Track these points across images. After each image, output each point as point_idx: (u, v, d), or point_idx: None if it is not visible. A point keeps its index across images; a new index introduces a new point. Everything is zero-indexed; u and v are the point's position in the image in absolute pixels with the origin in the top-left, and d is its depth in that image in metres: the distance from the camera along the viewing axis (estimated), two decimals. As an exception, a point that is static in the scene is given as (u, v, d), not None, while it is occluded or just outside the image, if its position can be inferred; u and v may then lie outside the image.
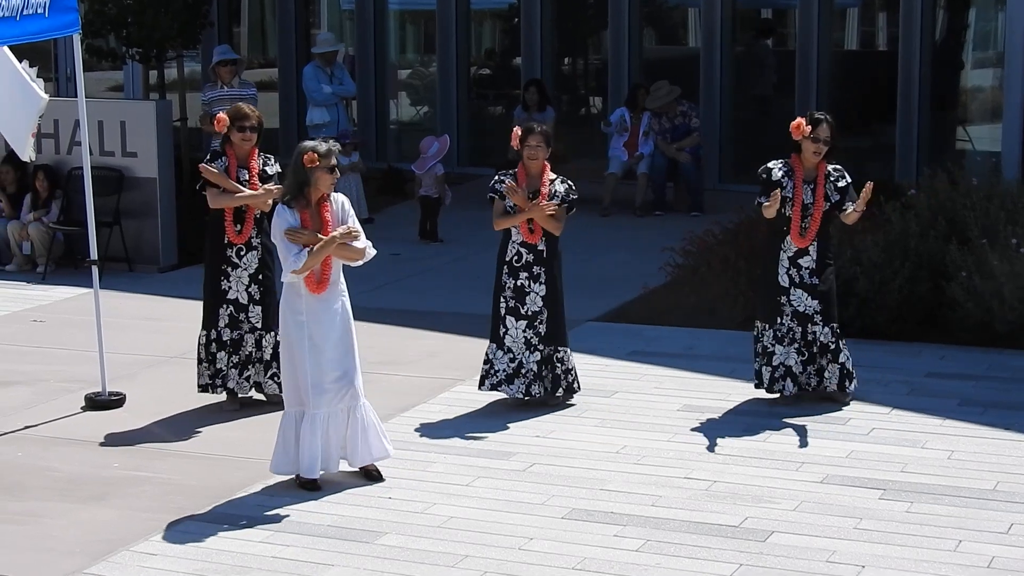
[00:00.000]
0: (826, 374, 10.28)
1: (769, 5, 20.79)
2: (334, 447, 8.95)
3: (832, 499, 8.57)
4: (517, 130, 10.40)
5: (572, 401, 10.47)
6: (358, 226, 8.98)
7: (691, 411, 10.26)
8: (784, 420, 10.00)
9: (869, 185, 9.99)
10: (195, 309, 13.55)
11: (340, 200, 9.04)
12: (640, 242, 14.20)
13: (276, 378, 10.31)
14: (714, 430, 9.84)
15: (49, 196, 15.50)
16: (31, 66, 10.88)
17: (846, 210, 10.17)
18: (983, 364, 11.24)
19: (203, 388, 10.57)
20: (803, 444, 9.53)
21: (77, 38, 10.77)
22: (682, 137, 18.02)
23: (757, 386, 10.42)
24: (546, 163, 10.40)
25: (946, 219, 12.27)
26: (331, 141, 9.04)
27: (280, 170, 10.46)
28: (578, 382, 10.48)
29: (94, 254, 11.02)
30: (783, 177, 10.19)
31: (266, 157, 10.58)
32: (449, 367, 11.40)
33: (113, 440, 9.91)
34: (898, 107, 17.78)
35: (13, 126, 10.90)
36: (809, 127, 10.15)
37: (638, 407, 10.37)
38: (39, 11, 10.05)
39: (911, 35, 17.74)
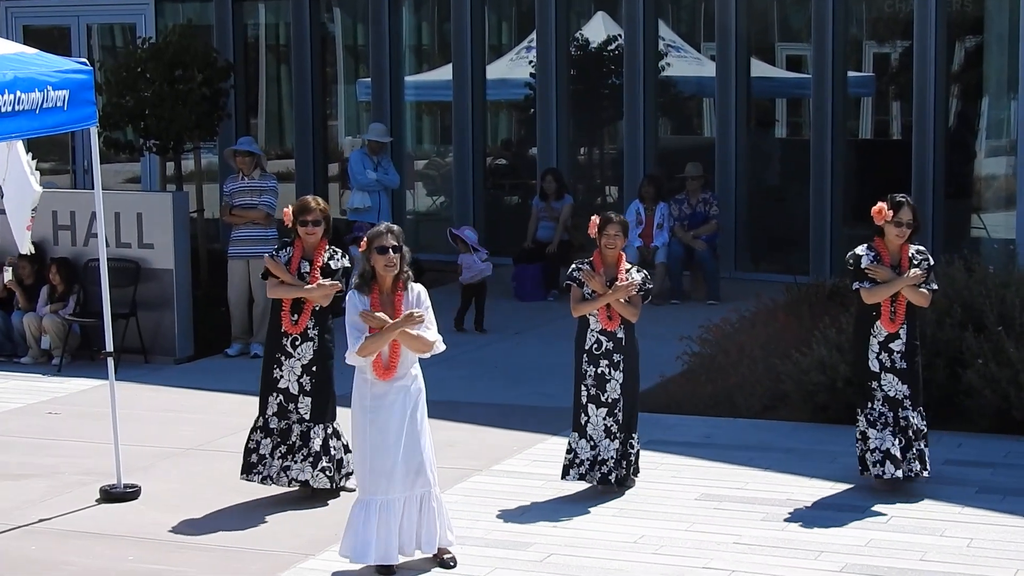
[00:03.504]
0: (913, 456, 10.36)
1: (783, 95, 20.89)
2: (405, 534, 8.91)
3: (851, 589, 8.52)
4: (595, 219, 10.47)
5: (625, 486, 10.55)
6: (430, 316, 9.04)
7: (709, 500, 10.22)
8: (803, 509, 9.96)
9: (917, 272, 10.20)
10: (211, 400, 13.61)
11: (416, 290, 9.11)
12: (657, 331, 14.17)
13: (327, 471, 10.36)
14: (732, 519, 9.79)
15: (66, 291, 15.53)
16: (33, 158, 10.95)
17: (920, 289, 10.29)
18: (1001, 451, 11.20)
19: (245, 470, 10.62)
20: (822, 533, 9.48)
21: (94, 131, 10.85)
22: (700, 224, 18.06)
23: (862, 471, 10.37)
24: (622, 253, 10.46)
25: (962, 306, 12.26)
26: (387, 224, 9.17)
27: (348, 265, 10.59)
28: (638, 468, 10.63)
29: (110, 346, 11.03)
30: (871, 263, 10.26)
31: (334, 251, 10.65)
32: (467, 457, 11.37)
33: (128, 533, 9.87)
34: (912, 195, 17.71)
35: (15, 219, 10.96)
36: (891, 212, 10.17)
37: (656, 496, 10.33)
38: (58, 104, 10.11)
39: (924, 124, 17.79)
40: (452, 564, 8.97)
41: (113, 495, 10.63)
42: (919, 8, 17.72)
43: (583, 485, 10.51)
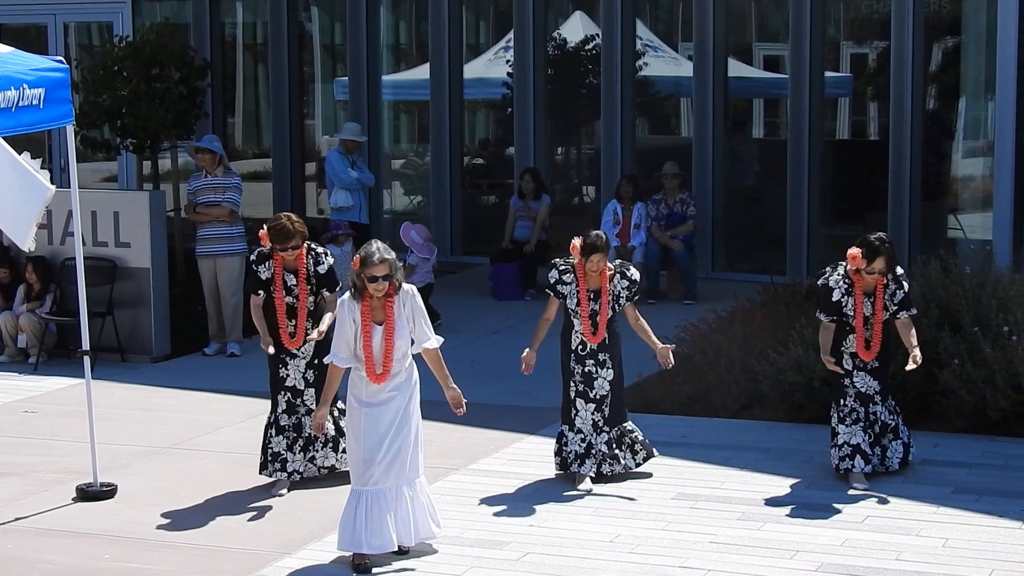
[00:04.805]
0: (888, 452, 10.53)
1: (760, 95, 20.92)
2: (402, 523, 9.03)
3: (827, 588, 8.54)
4: (576, 243, 10.45)
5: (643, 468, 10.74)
6: (426, 320, 9.19)
7: (685, 499, 10.22)
8: (779, 508, 9.97)
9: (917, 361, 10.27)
10: (188, 399, 13.58)
11: (409, 292, 9.13)
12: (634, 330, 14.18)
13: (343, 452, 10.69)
14: (709, 518, 9.80)
15: (43, 289, 15.48)
16: (33, 157, 10.92)
17: (899, 319, 10.39)
18: (977, 452, 11.22)
19: (261, 467, 10.74)
20: (798, 533, 9.49)
21: (70, 129, 10.83)
22: (677, 224, 18.07)
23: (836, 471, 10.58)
24: (606, 264, 10.49)
25: (938, 307, 12.28)
26: (382, 248, 9.00)
27: (331, 261, 10.63)
28: (648, 449, 10.78)
29: (86, 344, 11.00)
30: (843, 296, 10.35)
31: (316, 255, 10.63)
32: (442, 456, 11.36)
33: (104, 532, 9.85)
34: (889, 196, 17.85)
35: (13, 216, 10.91)
36: (864, 261, 10.19)
37: (632, 495, 10.34)
38: (34, 103, 10.09)
39: (902, 125, 17.83)
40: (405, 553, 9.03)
41: (89, 494, 10.61)
42: (896, 8, 17.76)
43: (559, 484, 10.51)
